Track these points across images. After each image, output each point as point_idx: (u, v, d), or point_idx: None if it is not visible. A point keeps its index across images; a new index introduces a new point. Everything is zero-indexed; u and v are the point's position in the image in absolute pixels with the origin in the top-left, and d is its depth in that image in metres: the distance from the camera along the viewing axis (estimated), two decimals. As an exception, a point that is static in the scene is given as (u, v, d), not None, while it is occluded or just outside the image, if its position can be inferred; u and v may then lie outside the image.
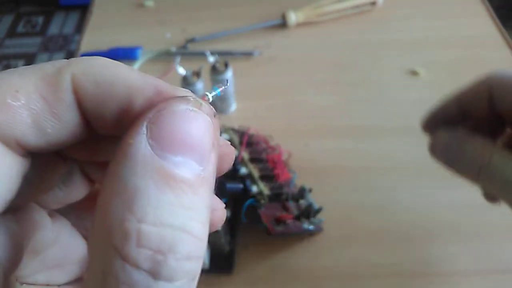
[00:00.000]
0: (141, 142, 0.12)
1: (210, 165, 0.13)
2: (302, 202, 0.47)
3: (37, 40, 1.90)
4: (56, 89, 0.13)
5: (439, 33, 0.67)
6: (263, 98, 0.59)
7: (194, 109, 0.13)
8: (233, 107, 0.58)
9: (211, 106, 0.14)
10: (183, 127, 0.12)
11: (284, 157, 0.51)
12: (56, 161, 0.16)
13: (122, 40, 0.67)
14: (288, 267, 0.44)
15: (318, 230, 0.45)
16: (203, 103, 0.13)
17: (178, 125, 0.12)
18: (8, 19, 2.00)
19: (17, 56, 1.83)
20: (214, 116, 0.13)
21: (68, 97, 0.13)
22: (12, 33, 1.94)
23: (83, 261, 0.18)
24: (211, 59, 0.54)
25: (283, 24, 0.68)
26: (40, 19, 2.00)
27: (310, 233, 0.45)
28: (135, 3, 0.75)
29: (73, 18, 1.99)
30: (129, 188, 0.11)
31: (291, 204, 0.46)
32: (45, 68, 0.13)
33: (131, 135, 0.12)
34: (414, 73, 0.61)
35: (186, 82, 0.53)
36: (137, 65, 0.62)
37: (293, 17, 0.67)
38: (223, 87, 0.16)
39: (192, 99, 0.13)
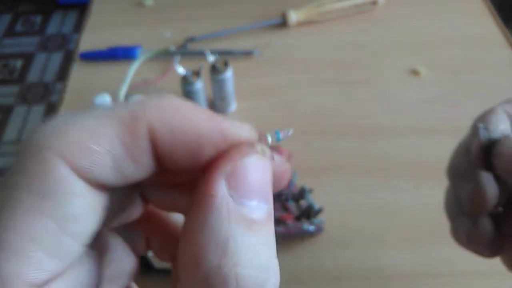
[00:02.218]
0: (224, 194, 0.14)
1: (272, 200, 0.15)
2: (303, 202, 0.46)
3: (36, 39, 1.90)
4: (135, 136, 0.14)
5: (440, 32, 0.67)
6: (263, 98, 0.59)
7: (261, 157, 0.15)
8: (233, 106, 0.58)
9: (269, 149, 0.16)
10: (255, 176, 0.15)
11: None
12: (126, 190, 0.17)
13: (121, 39, 0.67)
14: (288, 267, 0.43)
15: (318, 230, 0.45)
16: (266, 150, 0.16)
17: (251, 175, 0.15)
18: (6, 18, 2.00)
19: (15, 56, 1.83)
20: (273, 158, 0.16)
21: (145, 144, 0.14)
22: (10, 32, 1.94)
23: (132, 273, 0.20)
24: (211, 58, 0.54)
25: (283, 23, 0.68)
26: (38, 18, 1.99)
27: (311, 234, 0.45)
28: (134, 2, 0.74)
29: (72, 17, 1.99)
30: (221, 237, 0.13)
31: (292, 205, 0.46)
32: (120, 112, 0.14)
33: (212, 187, 0.14)
34: (415, 72, 0.61)
35: (185, 82, 0.53)
36: (136, 64, 0.61)
37: (293, 16, 0.67)
38: (287, 135, 0.18)
39: (259, 150, 0.15)
